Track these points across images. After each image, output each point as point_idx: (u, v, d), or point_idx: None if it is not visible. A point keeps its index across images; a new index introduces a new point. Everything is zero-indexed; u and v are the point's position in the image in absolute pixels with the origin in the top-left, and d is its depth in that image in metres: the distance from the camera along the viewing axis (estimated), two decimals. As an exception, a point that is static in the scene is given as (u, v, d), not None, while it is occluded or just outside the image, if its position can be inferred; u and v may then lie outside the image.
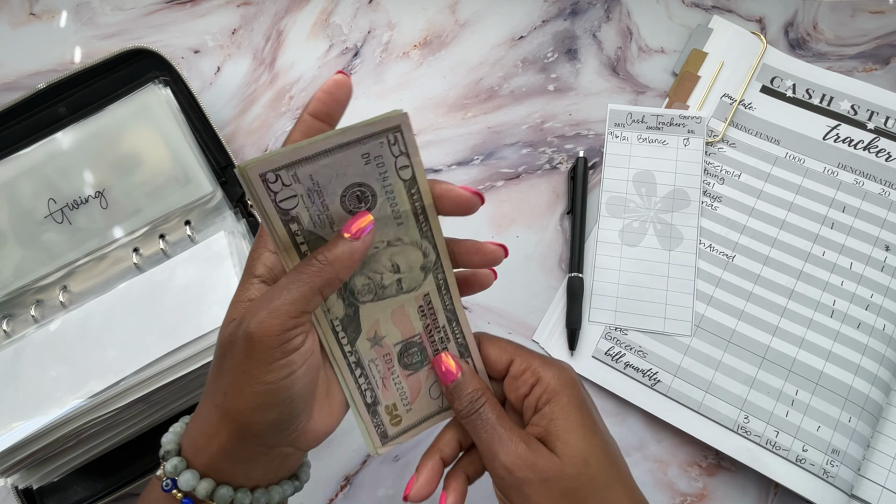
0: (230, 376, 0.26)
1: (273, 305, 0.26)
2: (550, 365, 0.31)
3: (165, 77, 0.47)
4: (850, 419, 0.43)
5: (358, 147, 0.26)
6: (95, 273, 0.45)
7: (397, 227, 0.29)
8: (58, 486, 0.43)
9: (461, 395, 0.31)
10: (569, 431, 0.29)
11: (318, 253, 0.27)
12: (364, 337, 0.31)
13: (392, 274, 0.30)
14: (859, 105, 0.49)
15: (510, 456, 0.29)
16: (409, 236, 0.29)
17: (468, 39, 0.53)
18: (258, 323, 0.25)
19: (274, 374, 0.26)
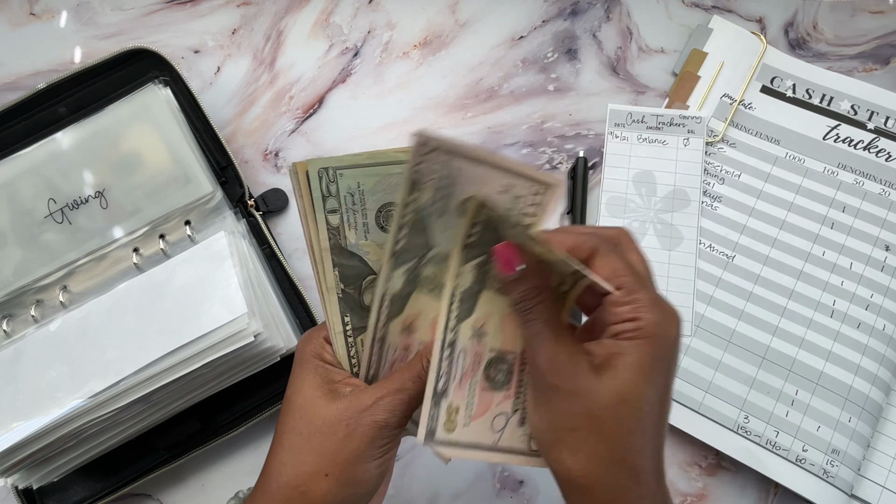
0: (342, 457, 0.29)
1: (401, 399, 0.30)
2: (658, 309, 0.27)
3: (165, 77, 0.47)
4: (850, 419, 0.43)
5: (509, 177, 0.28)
6: (95, 273, 0.45)
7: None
8: (58, 486, 0.43)
9: (517, 289, 0.29)
10: (628, 370, 0.27)
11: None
12: (471, 322, 0.30)
13: None
14: (859, 105, 0.49)
15: (548, 360, 0.28)
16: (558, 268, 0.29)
17: (468, 39, 0.53)
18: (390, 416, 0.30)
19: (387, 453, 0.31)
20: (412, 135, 0.26)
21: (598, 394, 0.27)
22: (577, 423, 0.27)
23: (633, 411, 0.27)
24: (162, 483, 0.45)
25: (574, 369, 0.27)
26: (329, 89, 0.53)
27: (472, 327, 0.30)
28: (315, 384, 0.30)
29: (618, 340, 0.27)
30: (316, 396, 0.30)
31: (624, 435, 0.27)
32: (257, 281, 0.43)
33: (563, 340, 0.28)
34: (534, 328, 0.28)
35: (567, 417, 0.27)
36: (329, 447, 0.29)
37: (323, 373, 0.31)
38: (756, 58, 0.51)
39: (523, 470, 0.45)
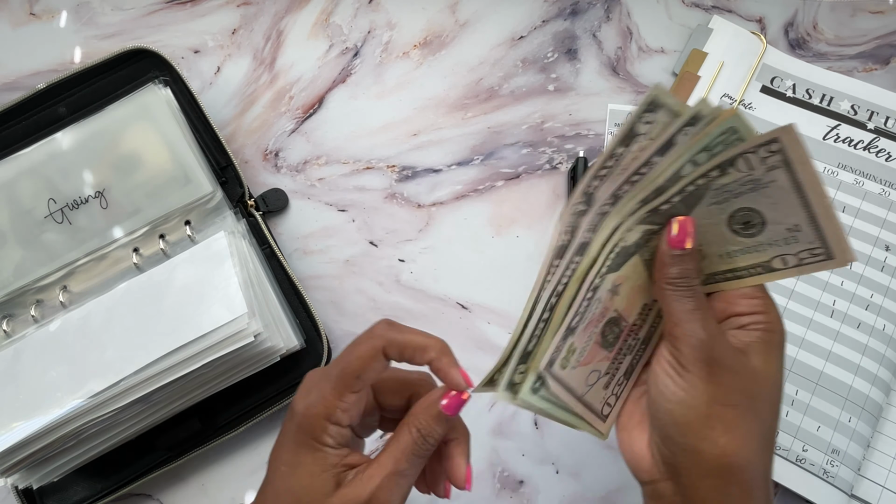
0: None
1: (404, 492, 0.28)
2: (776, 308, 0.29)
3: (165, 77, 0.47)
4: (850, 419, 0.43)
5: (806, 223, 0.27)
6: (95, 273, 0.45)
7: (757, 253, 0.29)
8: (58, 486, 0.43)
9: (679, 264, 0.29)
10: (775, 359, 0.28)
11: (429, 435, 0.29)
12: (613, 279, 0.30)
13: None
14: (859, 105, 0.49)
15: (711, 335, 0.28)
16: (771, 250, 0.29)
17: (468, 39, 0.53)
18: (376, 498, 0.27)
19: None
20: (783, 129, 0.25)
21: (759, 374, 0.28)
22: (737, 400, 0.27)
23: (780, 395, 0.28)
24: (162, 483, 0.45)
25: (733, 348, 0.28)
26: (329, 89, 0.53)
27: (612, 282, 0.30)
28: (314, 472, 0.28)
29: (750, 331, 0.28)
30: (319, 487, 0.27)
31: (774, 417, 0.28)
32: (257, 281, 0.43)
33: (716, 320, 0.29)
34: (689, 304, 0.28)
35: (727, 393, 0.27)
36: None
37: (322, 458, 0.28)
38: (756, 58, 0.51)
39: (523, 470, 0.45)
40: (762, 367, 0.28)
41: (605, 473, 0.45)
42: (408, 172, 0.51)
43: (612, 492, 0.45)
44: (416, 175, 0.51)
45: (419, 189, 0.51)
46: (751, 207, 0.28)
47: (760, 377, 0.28)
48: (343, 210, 0.51)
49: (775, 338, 0.28)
